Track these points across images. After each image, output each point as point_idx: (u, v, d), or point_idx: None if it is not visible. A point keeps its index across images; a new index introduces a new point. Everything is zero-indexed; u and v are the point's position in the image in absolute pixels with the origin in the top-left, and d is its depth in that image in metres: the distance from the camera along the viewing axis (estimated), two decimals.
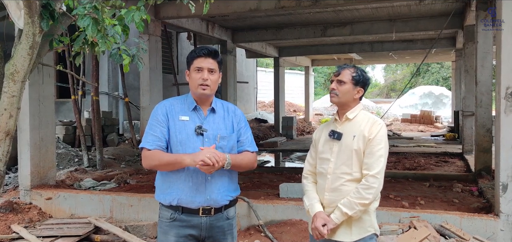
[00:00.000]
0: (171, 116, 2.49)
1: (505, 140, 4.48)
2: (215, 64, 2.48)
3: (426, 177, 7.79)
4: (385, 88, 38.87)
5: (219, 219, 2.50)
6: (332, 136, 2.56)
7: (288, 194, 6.21)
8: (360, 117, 2.55)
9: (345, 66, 2.59)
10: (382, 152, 2.46)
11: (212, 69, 2.46)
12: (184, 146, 2.43)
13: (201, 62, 2.45)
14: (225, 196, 2.50)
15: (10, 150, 3.20)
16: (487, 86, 7.59)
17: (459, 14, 10.08)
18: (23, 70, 3.07)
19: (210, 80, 2.45)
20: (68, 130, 9.99)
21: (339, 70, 2.57)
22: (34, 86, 6.07)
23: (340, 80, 2.54)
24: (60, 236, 4.90)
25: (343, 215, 2.44)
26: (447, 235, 4.43)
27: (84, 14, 2.63)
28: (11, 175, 7.47)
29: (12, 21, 3.12)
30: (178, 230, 2.46)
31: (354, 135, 2.49)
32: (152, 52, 8.87)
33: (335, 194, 2.50)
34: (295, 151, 13.35)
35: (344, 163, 2.49)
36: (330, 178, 2.52)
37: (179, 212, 2.46)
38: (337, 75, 2.57)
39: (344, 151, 2.50)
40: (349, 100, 2.55)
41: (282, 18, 11.31)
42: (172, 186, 2.45)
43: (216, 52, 2.50)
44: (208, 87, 2.45)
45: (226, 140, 2.50)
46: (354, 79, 2.53)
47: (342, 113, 2.59)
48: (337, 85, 2.55)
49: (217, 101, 2.59)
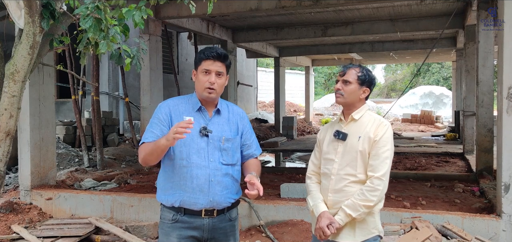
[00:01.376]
0: (175, 116, 2.45)
1: (507, 140, 4.47)
2: (224, 67, 2.43)
3: (427, 177, 7.78)
4: (385, 88, 38.85)
5: (221, 220, 2.48)
6: (337, 136, 2.52)
7: (289, 194, 6.20)
8: (366, 118, 2.51)
9: (351, 66, 2.53)
10: (388, 153, 2.42)
11: (220, 73, 2.41)
12: (188, 146, 2.40)
13: (209, 65, 2.39)
14: (228, 198, 2.47)
15: (10, 150, 3.18)
16: (489, 86, 7.58)
17: (460, 14, 10.07)
18: (23, 70, 3.06)
19: (217, 84, 2.41)
20: (68, 130, 9.98)
21: (345, 70, 2.52)
22: (34, 86, 6.06)
23: (346, 80, 2.49)
24: (60, 236, 4.88)
25: (347, 217, 2.41)
26: (449, 236, 4.42)
27: (87, 15, 2.61)
28: (11, 175, 7.46)
29: (12, 20, 3.10)
30: (180, 232, 2.43)
31: (360, 136, 2.46)
32: (152, 52, 8.86)
33: (339, 195, 2.47)
34: (295, 151, 13.34)
35: (349, 164, 2.46)
36: (334, 179, 2.49)
37: (181, 213, 2.43)
38: (342, 75, 2.52)
39: (349, 151, 2.47)
40: (355, 100, 2.51)
41: (283, 18, 11.30)
42: (175, 186, 2.42)
43: (226, 55, 2.45)
44: (214, 90, 2.41)
45: (231, 142, 2.47)
46: (359, 79, 2.49)
47: (347, 114, 2.55)
48: (343, 85, 2.50)
49: (222, 102, 2.56)
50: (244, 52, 17.61)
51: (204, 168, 2.39)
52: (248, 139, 2.57)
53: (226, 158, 2.45)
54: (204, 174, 2.39)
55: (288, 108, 23.75)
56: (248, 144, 2.57)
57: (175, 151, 2.43)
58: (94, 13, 2.61)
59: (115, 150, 9.67)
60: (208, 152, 2.42)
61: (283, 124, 16.97)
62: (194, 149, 2.40)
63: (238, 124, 2.54)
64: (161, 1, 2.94)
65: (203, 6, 4.58)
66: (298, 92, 28.87)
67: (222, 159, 2.44)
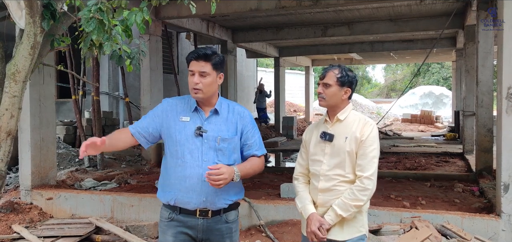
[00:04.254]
0: (172, 116, 2.49)
1: (507, 139, 4.48)
2: (208, 66, 2.39)
3: (427, 177, 7.79)
4: (385, 88, 38.85)
5: (217, 222, 2.47)
6: (324, 138, 2.53)
7: (289, 194, 6.20)
8: (351, 118, 2.53)
9: (330, 68, 2.54)
10: (375, 153, 2.46)
11: (204, 72, 2.38)
12: (182, 146, 2.42)
13: (193, 65, 2.41)
14: (224, 199, 2.46)
15: (11, 150, 3.20)
16: (488, 86, 7.59)
17: (460, 14, 10.07)
18: (24, 70, 3.07)
19: (202, 84, 2.39)
20: (68, 130, 9.98)
21: (324, 73, 2.53)
22: (34, 86, 6.06)
23: (326, 83, 2.51)
24: (61, 236, 4.89)
25: (338, 217, 2.45)
26: (449, 235, 4.43)
27: (90, 18, 2.61)
28: (11, 175, 7.46)
29: (13, 21, 3.11)
30: (175, 230, 2.46)
31: (346, 136, 2.48)
32: (152, 52, 8.87)
33: (329, 194, 2.51)
34: (295, 151, 13.33)
35: (337, 165, 2.49)
36: (323, 179, 2.52)
37: (177, 212, 2.45)
38: (322, 79, 2.53)
39: (337, 152, 2.49)
40: (338, 102, 2.52)
41: (283, 18, 11.31)
42: (171, 185, 2.45)
43: (209, 54, 2.40)
44: (200, 90, 2.40)
45: (227, 142, 2.45)
46: (339, 80, 2.49)
47: (332, 115, 2.56)
48: (324, 89, 2.52)
49: (223, 102, 2.54)
50: (244, 52, 17.62)
51: (197, 167, 2.40)
52: (249, 139, 2.53)
53: (222, 158, 2.43)
54: (196, 173, 2.39)
55: (288, 108, 23.75)
56: (249, 144, 2.53)
57: (172, 150, 2.46)
58: (97, 14, 2.61)
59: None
60: (202, 151, 2.42)
61: (283, 124, 16.97)
62: (188, 149, 2.42)
63: (237, 123, 2.50)
64: (163, 2, 2.95)
65: (203, 6, 4.59)
66: (298, 92, 28.86)
67: (217, 159, 2.42)
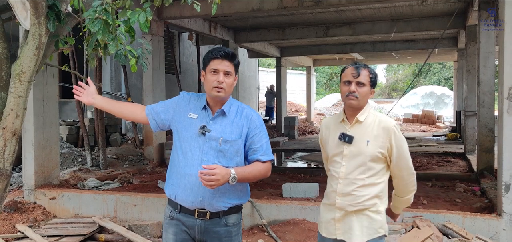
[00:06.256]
0: (183, 111, 2.50)
1: (508, 139, 4.50)
2: (232, 67, 2.41)
3: (429, 177, 7.80)
4: (387, 88, 38.80)
5: (215, 224, 2.43)
6: (343, 139, 2.42)
7: (291, 194, 6.23)
8: (370, 119, 2.43)
9: (361, 66, 2.41)
10: (406, 148, 2.44)
11: (228, 72, 2.40)
12: (186, 143, 2.44)
13: (217, 64, 2.38)
14: (223, 202, 2.41)
15: (16, 150, 3.22)
16: (490, 86, 7.60)
17: (461, 14, 10.08)
18: (29, 71, 3.09)
19: (226, 83, 2.39)
20: (71, 129, 10.01)
21: (359, 71, 2.38)
22: (38, 87, 6.10)
23: (360, 82, 2.37)
24: (64, 235, 4.93)
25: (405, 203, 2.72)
26: (450, 235, 4.45)
27: (95, 18, 2.63)
28: (15, 174, 7.50)
29: (18, 22, 3.14)
30: (175, 229, 2.48)
31: (368, 140, 2.39)
32: (155, 52, 8.90)
33: (347, 199, 2.41)
34: (297, 151, 13.35)
35: (357, 168, 2.39)
36: (343, 183, 2.42)
37: (177, 210, 2.47)
38: (356, 77, 2.37)
39: (357, 155, 2.39)
40: (365, 102, 2.43)
41: (285, 18, 11.33)
42: (174, 181, 2.48)
43: (234, 55, 2.43)
44: (223, 90, 2.39)
45: (229, 144, 2.41)
46: (371, 80, 2.41)
47: (352, 115, 2.44)
48: (357, 88, 2.37)
49: (234, 103, 2.51)
50: (245, 52, 17.64)
51: (196, 166, 2.38)
52: (254, 143, 2.47)
53: (222, 160, 2.39)
54: (195, 172, 2.36)
55: (289, 108, 23.76)
56: (254, 149, 2.46)
57: (177, 145, 2.48)
58: (101, 15, 2.63)
59: (117, 149, 9.70)
60: (203, 151, 2.40)
61: (285, 124, 16.97)
62: (190, 146, 2.42)
63: (243, 127, 2.45)
64: (166, 3, 2.97)
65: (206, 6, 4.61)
66: (300, 92, 28.87)
67: (217, 160, 2.38)
